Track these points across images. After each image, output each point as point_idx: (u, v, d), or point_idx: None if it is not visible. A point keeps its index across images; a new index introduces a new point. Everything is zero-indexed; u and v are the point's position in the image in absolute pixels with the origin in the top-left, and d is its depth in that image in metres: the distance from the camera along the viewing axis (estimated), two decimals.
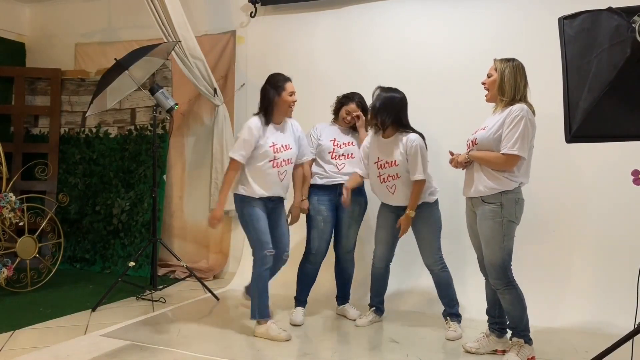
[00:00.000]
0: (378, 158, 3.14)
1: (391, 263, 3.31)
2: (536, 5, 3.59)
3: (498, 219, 2.58)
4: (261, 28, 4.51)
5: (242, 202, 3.05)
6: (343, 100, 3.43)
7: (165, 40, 4.05)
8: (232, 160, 3.02)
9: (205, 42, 4.54)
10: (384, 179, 3.13)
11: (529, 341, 2.70)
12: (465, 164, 2.73)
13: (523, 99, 2.62)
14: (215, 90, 4.40)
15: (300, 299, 3.42)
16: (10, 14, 5.30)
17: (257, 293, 3.03)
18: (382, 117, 3.05)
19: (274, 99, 3.05)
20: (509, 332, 2.81)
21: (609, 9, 2.00)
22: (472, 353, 2.80)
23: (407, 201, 3.08)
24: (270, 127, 3.07)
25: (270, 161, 3.02)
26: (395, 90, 3.11)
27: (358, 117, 3.39)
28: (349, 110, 3.38)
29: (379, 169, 3.13)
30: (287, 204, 3.31)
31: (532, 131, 2.58)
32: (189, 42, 4.17)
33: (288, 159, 3.10)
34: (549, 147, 3.47)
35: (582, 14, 2.08)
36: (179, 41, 4.03)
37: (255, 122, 3.04)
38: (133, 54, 3.79)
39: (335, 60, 4.20)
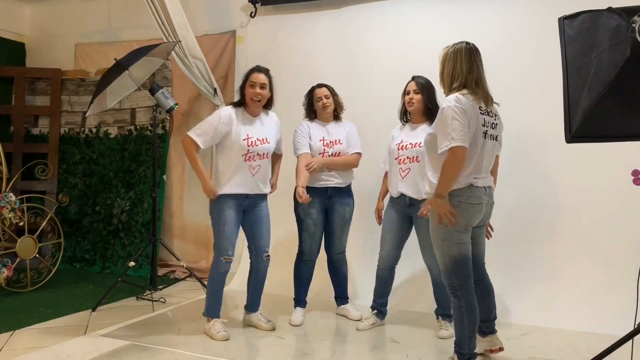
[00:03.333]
0: (402, 140, 3.12)
1: (396, 265, 3.27)
2: (535, 5, 3.59)
3: (435, 222, 2.44)
4: (261, 28, 4.51)
5: (214, 201, 2.97)
6: (309, 95, 3.39)
7: (165, 40, 4.05)
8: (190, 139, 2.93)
9: (205, 42, 4.54)
10: (401, 160, 3.09)
11: None
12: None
13: (467, 86, 2.40)
14: (215, 90, 4.40)
15: (299, 299, 3.42)
16: (10, 14, 5.30)
17: (209, 294, 3.07)
18: (432, 104, 3.05)
19: (242, 90, 3.02)
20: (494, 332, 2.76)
21: (609, 9, 2.00)
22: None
23: (411, 192, 3.03)
24: (246, 116, 2.99)
25: (242, 155, 2.94)
26: (425, 78, 3.10)
27: (327, 96, 3.34)
28: (318, 96, 3.34)
29: (399, 150, 3.10)
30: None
31: (463, 117, 2.30)
32: (189, 42, 4.17)
33: (264, 154, 3.02)
34: (549, 147, 3.48)
35: (582, 14, 2.08)
36: (179, 41, 4.03)
37: (228, 110, 2.99)
38: (133, 54, 3.79)
39: (335, 60, 4.20)
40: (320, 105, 3.33)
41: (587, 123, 2.08)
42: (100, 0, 5.13)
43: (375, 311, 3.31)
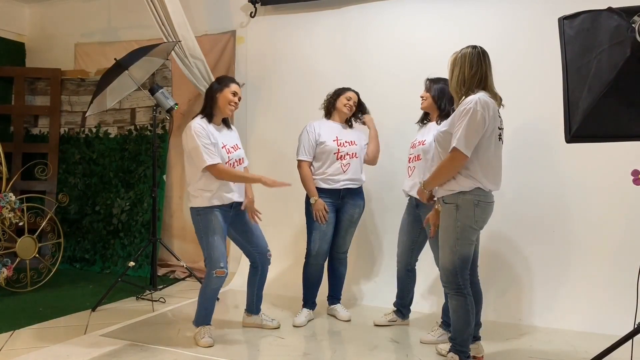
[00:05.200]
0: (415, 139, 3.14)
1: (415, 266, 3.23)
2: (535, 6, 3.59)
3: (452, 221, 2.45)
4: (261, 28, 4.51)
5: (198, 214, 2.88)
6: (339, 92, 3.37)
7: (165, 40, 4.05)
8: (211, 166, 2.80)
9: (205, 42, 4.54)
10: (410, 159, 3.12)
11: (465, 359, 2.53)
12: (430, 199, 2.67)
13: (481, 88, 2.44)
14: None
15: (306, 301, 3.41)
16: (10, 14, 5.30)
17: (200, 305, 2.97)
18: (442, 106, 3.01)
19: (215, 94, 2.93)
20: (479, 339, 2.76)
21: (609, 9, 2.01)
22: (443, 355, 2.74)
23: (415, 192, 2.99)
24: (211, 126, 2.91)
25: (225, 163, 2.89)
26: (446, 80, 2.97)
27: (355, 103, 3.37)
28: (350, 96, 3.35)
29: (411, 148, 3.13)
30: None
31: (481, 125, 2.34)
32: (189, 42, 4.17)
33: (239, 159, 3.01)
34: (549, 147, 3.48)
35: (582, 14, 2.09)
36: (179, 41, 4.03)
37: (198, 125, 2.85)
38: (133, 54, 3.79)
39: (335, 60, 4.20)
40: (347, 105, 3.34)
41: (587, 123, 2.09)
42: (100, 0, 5.13)
43: (395, 309, 3.33)
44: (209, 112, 2.94)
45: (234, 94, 2.96)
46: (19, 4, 5.37)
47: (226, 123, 3.06)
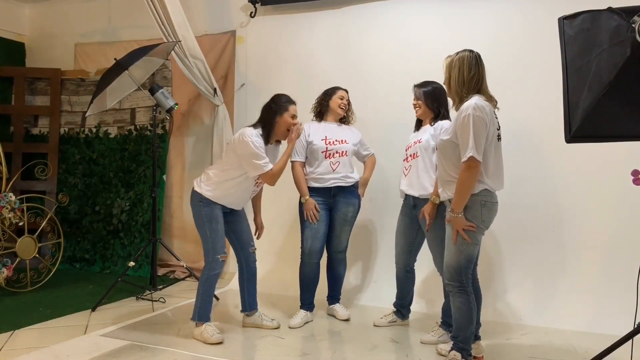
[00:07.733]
0: (410, 140, 3.15)
1: (413, 267, 3.23)
2: (536, 6, 3.59)
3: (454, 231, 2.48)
4: (261, 28, 4.51)
5: (201, 201, 2.96)
6: (330, 92, 3.40)
7: (165, 40, 4.05)
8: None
9: (205, 42, 4.54)
10: (407, 159, 3.12)
11: (467, 357, 2.53)
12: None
13: (476, 91, 2.47)
14: (215, 90, 4.40)
15: (303, 302, 3.40)
16: (10, 14, 5.30)
17: (201, 297, 3.00)
18: (436, 110, 3.01)
19: (275, 118, 2.97)
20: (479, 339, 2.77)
21: (609, 9, 2.00)
22: (443, 355, 2.74)
23: (414, 190, 3.02)
24: (269, 148, 3.00)
25: (255, 179, 3.00)
26: (432, 82, 3.02)
27: (348, 100, 3.41)
28: (342, 95, 3.37)
29: (406, 150, 3.14)
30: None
31: (484, 128, 2.38)
32: (189, 42, 4.17)
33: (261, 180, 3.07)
34: (549, 147, 3.48)
35: (582, 14, 2.08)
36: (179, 41, 4.03)
37: (257, 138, 2.90)
38: (133, 54, 3.79)
39: (335, 60, 4.20)
40: (340, 103, 3.36)
41: (587, 123, 2.08)
42: (100, 0, 5.13)
43: (395, 310, 3.33)
44: (266, 134, 2.96)
45: (293, 116, 2.99)
46: (19, 4, 5.38)
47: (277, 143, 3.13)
